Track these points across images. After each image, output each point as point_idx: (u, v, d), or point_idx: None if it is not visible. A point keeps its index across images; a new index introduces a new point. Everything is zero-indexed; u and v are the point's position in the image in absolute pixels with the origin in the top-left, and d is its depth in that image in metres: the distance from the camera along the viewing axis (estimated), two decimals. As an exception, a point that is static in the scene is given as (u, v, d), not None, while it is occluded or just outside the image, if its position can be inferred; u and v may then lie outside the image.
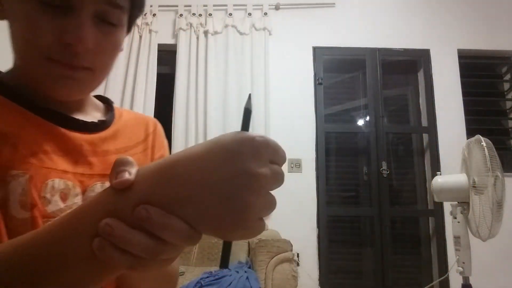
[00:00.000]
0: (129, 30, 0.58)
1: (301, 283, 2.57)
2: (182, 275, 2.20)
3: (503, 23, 3.37)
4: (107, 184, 0.53)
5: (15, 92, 0.51)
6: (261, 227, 0.31)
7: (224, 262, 0.33)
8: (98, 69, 0.52)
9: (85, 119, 0.57)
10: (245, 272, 2.14)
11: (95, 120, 0.58)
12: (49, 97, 0.52)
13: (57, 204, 0.49)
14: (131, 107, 3.02)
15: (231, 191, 0.29)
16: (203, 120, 3.04)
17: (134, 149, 0.62)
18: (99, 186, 0.55)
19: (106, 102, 0.67)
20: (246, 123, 0.33)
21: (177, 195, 0.29)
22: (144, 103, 3.08)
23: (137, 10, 0.56)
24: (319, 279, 2.88)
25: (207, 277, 2.10)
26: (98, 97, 0.67)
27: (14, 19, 0.50)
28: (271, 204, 0.32)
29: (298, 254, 2.71)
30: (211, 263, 2.51)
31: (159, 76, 3.21)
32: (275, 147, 0.32)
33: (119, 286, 0.53)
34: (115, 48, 0.54)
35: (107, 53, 0.52)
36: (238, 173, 0.29)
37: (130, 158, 0.32)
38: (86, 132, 0.56)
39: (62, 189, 0.50)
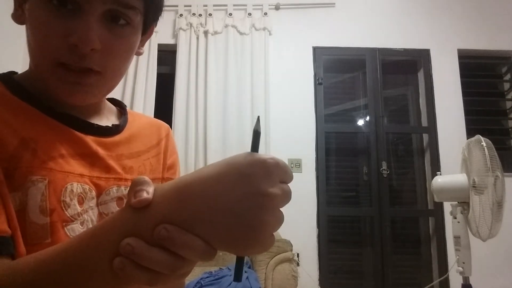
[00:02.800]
0: (145, 32, 0.57)
1: (301, 283, 2.57)
2: (182, 275, 2.20)
3: (503, 23, 3.37)
4: (122, 187, 0.56)
5: (32, 96, 0.52)
6: (272, 241, 0.34)
7: (238, 276, 0.35)
8: (109, 72, 0.51)
9: (100, 123, 0.57)
10: (245, 272, 2.14)
11: (109, 124, 0.59)
12: (63, 102, 0.52)
13: (75, 208, 0.50)
14: (131, 107, 3.03)
15: (245, 211, 0.31)
16: (203, 120, 3.04)
17: (146, 153, 0.62)
18: (114, 190, 0.55)
19: (119, 105, 0.68)
20: (255, 144, 0.34)
21: (194, 215, 0.31)
22: (144, 103, 3.08)
23: (152, 12, 0.55)
24: (319, 279, 2.88)
25: (207, 277, 2.10)
26: (112, 100, 0.68)
27: (29, 24, 0.50)
28: (281, 220, 0.34)
29: (298, 254, 2.71)
30: (211, 263, 2.51)
31: (159, 76, 3.21)
32: (284, 168, 0.34)
33: None
34: (127, 50, 0.53)
35: (118, 55, 0.51)
36: (251, 194, 0.31)
37: (147, 178, 0.34)
38: (101, 136, 0.56)
39: (79, 193, 0.51)
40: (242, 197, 0.31)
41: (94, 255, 0.33)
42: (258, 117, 0.39)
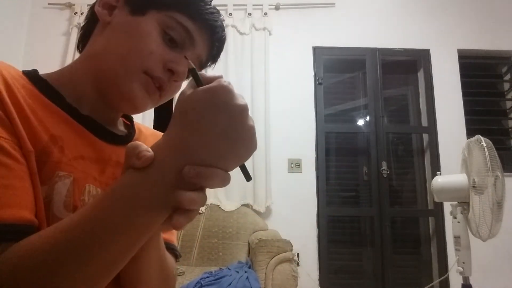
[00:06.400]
0: None
1: (301, 283, 2.57)
2: (182, 275, 2.20)
3: (503, 23, 3.37)
4: None
5: (59, 96, 0.54)
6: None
7: (248, 176, 0.41)
8: (164, 99, 0.60)
9: (114, 132, 0.61)
10: (245, 272, 2.14)
11: (123, 134, 0.63)
12: (115, 104, 0.58)
13: None
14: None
15: (236, 130, 0.37)
16: (203, 120, 3.03)
17: None
18: None
19: (125, 117, 0.71)
20: (197, 79, 0.40)
21: (204, 153, 0.37)
22: (144, 103, 3.08)
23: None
24: (319, 279, 2.88)
25: (207, 277, 2.10)
26: None
27: (130, 32, 0.56)
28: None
29: (298, 254, 2.71)
30: (211, 263, 2.51)
31: (159, 76, 3.20)
32: (230, 85, 0.39)
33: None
34: (176, 92, 0.61)
35: (174, 93, 0.61)
36: (232, 113, 0.37)
37: (140, 142, 0.39)
38: (115, 144, 0.60)
39: (94, 194, 0.53)
40: (229, 122, 0.37)
41: (129, 208, 0.37)
42: (185, 56, 0.52)
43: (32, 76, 0.54)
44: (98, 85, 0.57)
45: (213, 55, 0.64)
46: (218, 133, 0.36)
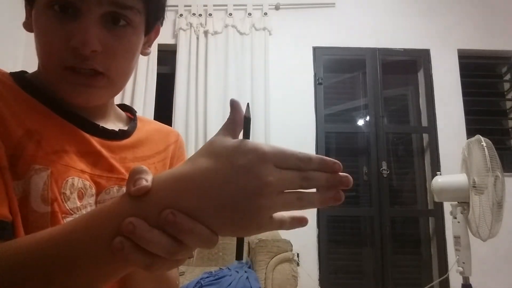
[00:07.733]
0: (148, 32, 0.58)
1: (301, 283, 2.57)
2: (182, 275, 2.20)
3: (503, 23, 3.37)
4: (123, 188, 0.55)
5: (42, 93, 0.53)
6: (272, 223, 0.34)
7: (239, 255, 0.36)
8: (114, 73, 0.52)
9: (105, 127, 0.58)
10: (245, 272, 2.14)
11: (116, 129, 0.59)
12: (70, 103, 0.53)
13: (74, 202, 0.51)
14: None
15: (245, 199, 0.32)
16: (203, 120, 3.04)
17: (152, 158, 0.63)
18: (115, 190, 0.56)
19: (129, 111, 0.68)
20: (247, 131, 0.35)
21: (196, 204, 0.31)
22: (144, 103, 3.08)
23: (154, 11, 0.55)
24: (319, 279, 2.88)
25: (207, 277, 2.10)
26: (122, 106, 0.68)
27: (35, 31, 0.52)
28: (282, 203, 0.34)
29: (298, 254, 2.71)
30: (211, 263, 2.51)
31: (159, 76, 3.20)
32: (278, 153, 0.34)
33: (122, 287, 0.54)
34: (129, 51, 0.53)
35: (120, 56, 0.52)
36: (249, 182, 0.32)
37: (145, 167, 0.34)
38: (106, 139, 0.57)
39: (80, 187, 0.52)
40: (240, 185, 0.32)
41: (92, 237, 0.33)
42: (248, 103, 0.39)
43: (16, 75, 0.54)
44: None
45: None
46: (226, 191, 0.31)
